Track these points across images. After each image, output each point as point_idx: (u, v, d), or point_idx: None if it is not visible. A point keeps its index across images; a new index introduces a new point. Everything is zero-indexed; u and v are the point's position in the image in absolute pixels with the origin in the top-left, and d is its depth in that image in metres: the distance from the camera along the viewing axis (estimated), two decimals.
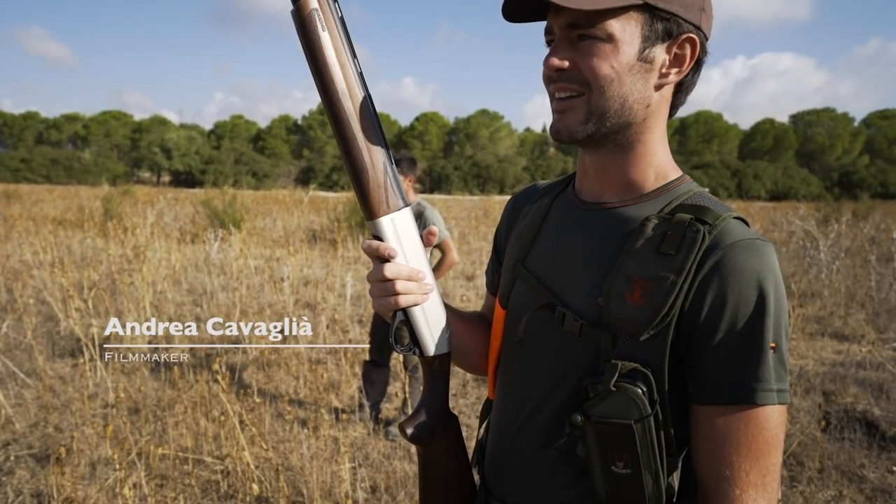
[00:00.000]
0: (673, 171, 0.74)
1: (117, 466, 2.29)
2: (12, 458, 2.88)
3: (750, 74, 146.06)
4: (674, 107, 0.73)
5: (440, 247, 3.17)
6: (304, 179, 44.42)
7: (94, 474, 2.71)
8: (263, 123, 60.98)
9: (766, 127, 58.12)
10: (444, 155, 56.88)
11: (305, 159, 53.88)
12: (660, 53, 0.67)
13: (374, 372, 3.32)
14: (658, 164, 0.73)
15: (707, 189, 0.75)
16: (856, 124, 57.51)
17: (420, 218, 3.17)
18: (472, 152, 53.83)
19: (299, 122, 58.46)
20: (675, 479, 0.72)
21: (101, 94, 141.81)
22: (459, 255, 5.50)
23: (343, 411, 3.48)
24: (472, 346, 0.88)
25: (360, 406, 3.41)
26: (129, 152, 54.57)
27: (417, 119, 59.85)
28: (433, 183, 47.37)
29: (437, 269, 3.20)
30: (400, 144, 56.35)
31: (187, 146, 50.94)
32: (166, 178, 51.79)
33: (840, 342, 5.05)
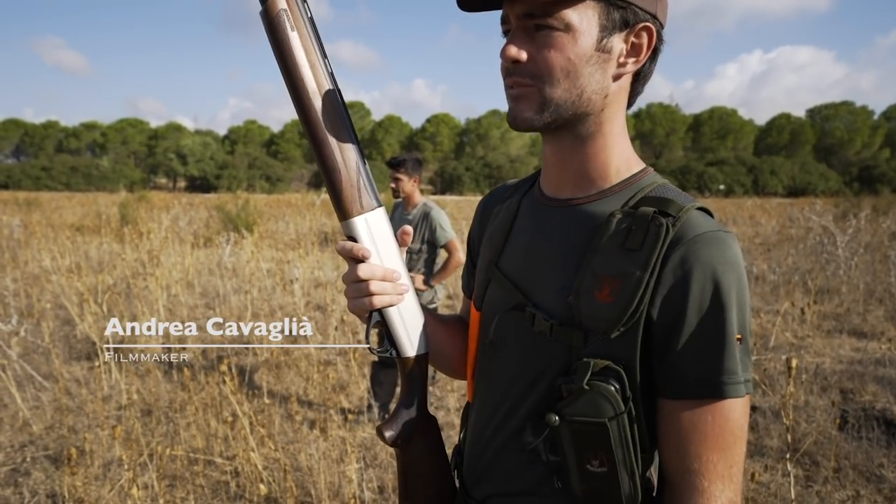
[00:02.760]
0: (635, 164, 0.73)
1: (127, 467, 2.32)
2: (28, 459, 2.93)
3: (767, 68, 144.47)
4: (632, 97, 0.73)
5: (446, 247, 3.16)
6: (316, 183, 44.65)
7: (106, 475, 2.75)
8: (276, 128, 61.52)
9: (782, 122, 57.20)
10: (455, 156, 56.91)
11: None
12: (617, 43, 0.67)
13: (383, 373, 3.32)
14: (619, 156, 0.72)
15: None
16: (876, 117, 56.36)
17: (426, 219, 3.17)
18: (484, 153, 53.78)
19: None
20: (654, 473, 0.71)
21: (117, 101, 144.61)
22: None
23: (351, 412, 3.49)
24: (451, 349, 0.87)
25: (369, 407, 3.42)
26: (145, 159, 55.43)
27: (428, 120, 59.97)
28: (445, 184, 47.42)
29: (443, 269, 3.19)
30: (411, 146, 56.51)
31: (202, 152, 51.65)
32: (182, 183, 52.56)
33: (858, 339, 4.95)
